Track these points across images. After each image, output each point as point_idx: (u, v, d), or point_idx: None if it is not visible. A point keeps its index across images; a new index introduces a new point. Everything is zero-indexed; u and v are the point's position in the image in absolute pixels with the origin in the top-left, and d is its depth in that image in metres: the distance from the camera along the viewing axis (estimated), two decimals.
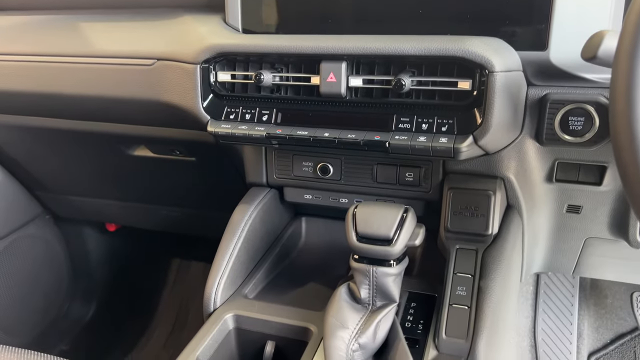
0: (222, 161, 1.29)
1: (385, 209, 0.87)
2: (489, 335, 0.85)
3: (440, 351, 0.86)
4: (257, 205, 1.12)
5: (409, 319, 0.93)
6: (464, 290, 0.90)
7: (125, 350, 1.97)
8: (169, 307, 2.05)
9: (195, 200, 1.55)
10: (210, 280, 1.00)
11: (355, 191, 1.11)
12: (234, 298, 1.01)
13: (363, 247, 0.85)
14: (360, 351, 0.83)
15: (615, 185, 1.01)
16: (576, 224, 1.13)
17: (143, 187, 1.57)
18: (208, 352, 0.90)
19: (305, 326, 0.92)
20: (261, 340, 0.96)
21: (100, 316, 2.03)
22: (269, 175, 1.16)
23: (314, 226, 1.27)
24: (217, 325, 0.93)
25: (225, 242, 1.05)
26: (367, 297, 0.87)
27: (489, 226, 0.97)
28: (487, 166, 1.00)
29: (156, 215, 1.68)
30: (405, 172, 1.05)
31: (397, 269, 0.86)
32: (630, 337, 1.69)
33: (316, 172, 1.11)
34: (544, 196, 1.07)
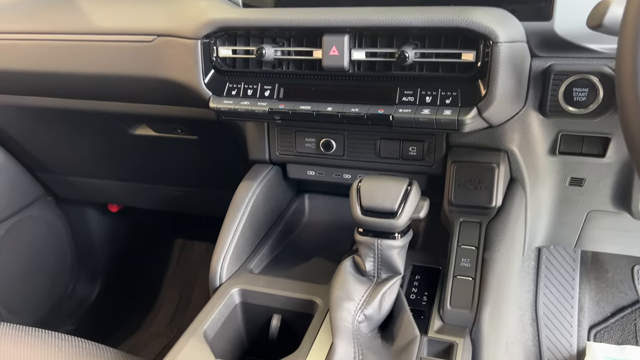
0: (224, 139, 1.29)
1: (389, 182, 0.87)
2: (493, 306, 0.86)
3: (445, 322, 0.86)
4: (261, 181, 1.12)
5: (413, 291, 0.94)
6: (468, 262, 0.91)
7: (130, 329, 1.99)
8: (173, 286, 2.07)
9: (197, 179, 1.55)
10: (216, 255, 1.01)
11: (358, 167, 1.11)
12: (240, 273, 1.02)
13: (368, 220, 0.85)
14: (366, 322, 0.84)
15: (619, 157, 1.01)
16: (579, 197, 1.13)
17: (145, 166, 1.57)
18: (215, 326, 0.91)
19: (311, 299, 0.93)
20: (267, 314, 0.97)
21: (104, 296, 2.05)
22: (272, 151, 1.16)
23: (317, 203, 1.27)
24: (223, 300, 0.94)
25: (230, 218, 1.05)
26: (372, 269, 0.88)
27: (492, 199, 0.98)
28: (491, 139, 1.00)
29: (158, 194, 1.68)
30: (409, 146, 1.05)
31: (401, 242, 0.87)
32: (630, 310, 1.71)
33: (319, 148, 1.11)
34: (547, 169, 1.07)
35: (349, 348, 0.79)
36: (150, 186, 1.65)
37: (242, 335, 1.00)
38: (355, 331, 0.82)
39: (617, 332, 1.68)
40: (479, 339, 0.84)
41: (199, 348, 0.84)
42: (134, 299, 2.07)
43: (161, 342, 1.87)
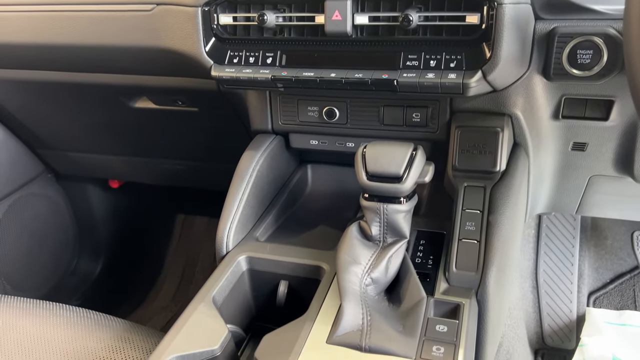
0: (225, 110, 1.29)
1: (394, 148, 0.87)
2: (498, 268, 0.87)
3: (451, 284, 0.88)
4: (264, 151, 1.12)
5: (418, 255, 0.95)
6: (473, 225, 0.92)
7: (134, 304, 2.01)
8: (176, 261, 2.08)
9: (198, 153, 1.55)
10: (222, 224, 1.01)
11: (361, 134, 1.10)
12: (246, 241, 1.02)
13: (373, 186, 0.85)
14: (373, 285, 0.85)
15: (622, 120, 1.01)
16: (581, 162, 1.14)
17: (145, 140, 1.56)
18: (223, 292, 0.92)
19: (317, 265, 0.94)
20: (274, 280, 0.98)
21: (108, 272, 2.06)
22: (274, 121, 1.16)
23: (320, 173, 1.27)
24: (230, 267, 0.95)
25: (235, 187, 1.05)
26: (378, 234, 0.89)
27: (496, 163, 0.98)
28: (495, 103, 1.00)
29: (159, 169, 1.68)
30: (412, 112, 1.04)
31: (407, 206, 0.87)
32: (629, 276, 1.73)
33: (322, 116, 1.10)
34: (550, 134, 1.07)
35: (357, 310, 0.80)
36: (151, 160, 1.65)
37: (250, 302, 1.01)
38: (363, 294, 0.83)
39: (616, 298, 1.70)
40: (485, 300, 0.85)
41: (208, 313, 0.85)
42: (137, 274, 2.09)
43: (166, 316, 1.90)
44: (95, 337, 1.05)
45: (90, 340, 1.04)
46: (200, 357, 0.79)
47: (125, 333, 1.07)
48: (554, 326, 1.66)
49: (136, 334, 1.07)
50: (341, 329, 0.78)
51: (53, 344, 1.03)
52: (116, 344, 1.03)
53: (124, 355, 1.00)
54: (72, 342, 1.04)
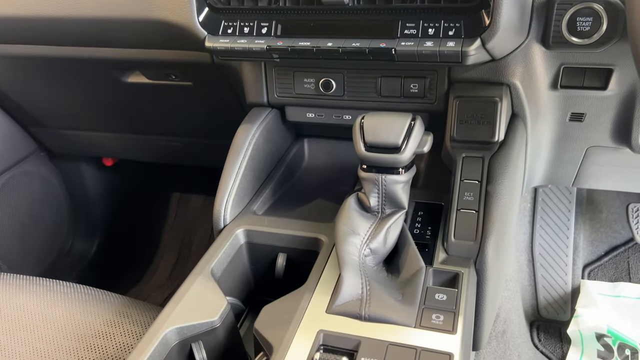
0: (220, 84, 1.27)
1: (392, 118, 0.86)
2: (496, 237, 0.87)
3: (449, 254, 0.87)
4: (260, 124, 1.11)
5: (417, 226, 0.95)
6: (471, 195, 0.91)
7: (131, 282, 2.01)
8: (172, 239, 2.08)
9: (193, 129, 1.53)
10: (219, 197, 1.00)
11: (358, 107, 1.09)
12: (243, 215, 1.02)
13: (372, 156, 0.85)
14: (371, 256, 0.85)
15: (621, 89, 1.00)
16: (578, 133, 1.13)
17: (139, 117, 1.54)
18: (221, 265, 0.92)
19: (316, 236, 0.94)
20: (272, 253, 0.97)
21: (104, 251, 2.06)
22: (270, 94, 1.14)
23: (317, 147, 1.26)
24: (228, 240, 0.94)
25: (231, 160, 1.04)
26: (376, 205, 0.88)
27: (495, 133, 0.97)
28: (493, 73, 0.99)
29: (153, 146, 1.67)
30: (410, 83, 1.03)
31: (405, 176, 0.86)
32: (624, 249, 1.75)
33: (318, 88, 1.09)
34: (548, 104, 1.06)
35: (356, 279, 0.80)
36: (145, 137, 1.63)
37: (249, 275, 1.01)
38: (362, 264, 0.83)
39: (611, 270, 1.72)
40: (484, 269, 0.85)
41: (207, 285, 0.85)
42: (133, 253, 2.08)
43: (163, 293, 1.90)
44: (93, 313, 1.05)
45: (89, 315, 1.04)
46: (199, 328, 0.79)
47: (124, 308, 1.07)
48: (549, 298, 1.67)
49: (134, 308, 1.07)
50: (340, 299, 0.78)
51: (51, 320, 1.03)
52: (114, 318, 1.03)
53: (122, 329, 1.00)
54: (70, 318, 1.04)
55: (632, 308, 1.59)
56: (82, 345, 0.98)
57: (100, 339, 0.99)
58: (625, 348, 1.46)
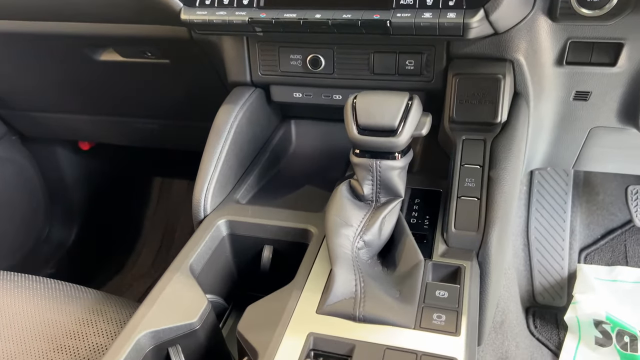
0: (200, 62, 1.18)
1: (388, 97, 0.78)
2: (500, 227, 0.80)
3: (449, 245, 0.81)
4: (243, 105, 1.03)
5: (413, 215, 0.88)
6: (472, 182, 0.84)
7: (112, 271, 1.93)
8: (154, 226, 1.99)
9: (173, 110, 1.44)
10: (199, 185, 0.92)
11: (350, 85, 1.01)
12: (225, 204, 0.94)
13: (365, 140, 0.77)
14: (365, 249, 0.78)
15: (630, 66, 0.94)
16: (582, 113, 1.07)
17: (114, 98, 1.44)
18: (202, 259, 0.84)
19: (305, 227, 0.86)
20: (258, 245, 0.90)
21: (83, 239, 1.97)
22: (253, 72, 1.06)
23: (305, 129, 1.18)
24: (209, 232, 0.87)
25: (211, 144, 0.96)
26: (370, 193, 0.81)
27: (497, 114, 0.90)
28: (496, 47, 0.91)
29: (131, 129, 1.57)
30: (406, 59, 0.95)
31: (402, 162, 0.79)
32: (620, 232, 1.70)
33: (306, 65, 1.00)
34: (552, 82, 0.99)
35: (350, 275, 0.73)
36: (122, 120, 1.54)
37: (232, 269, 0.93)
38: (355, 258, 0.76)
39: (607, 254, 1.67)
40: (487, 262, 0.79)
41: (185, 283, 0.77)
42: (113, 241, 2.00)
43: (145, 282, 1.82)
44: (64, 310, 0.97)
45: (59, 313, 0.96)
46: (177, 331, 0.72)
47: (98, 305, 0.99)
48: (545, 284, 1.62)
49: (109, 305, 0.99)
50: (332, 297, 0.71)
51: (17, 319, 0.95)
52: (87, 316, 0.96)
53: (95, 328, 0.93)
54: (38, 316, 0.96)
55: (629, 293, 1.55)
56: (51, 347, 0.91)
57: (71, 339, 0.92)
58: (624, 335, 1.42)
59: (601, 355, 1.41)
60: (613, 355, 1.41)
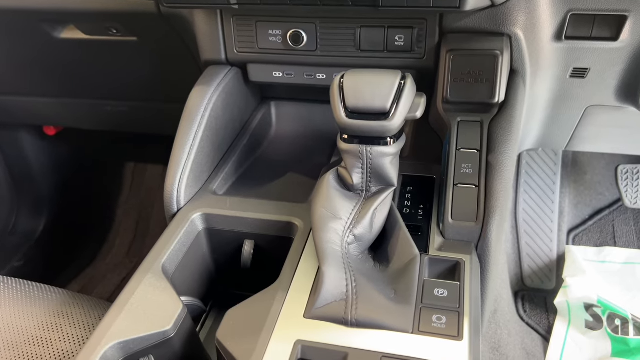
0: (170, 39, 1.08)
1: (378, 76, 0.70)
2: (501, 216, 0.74)
3: (446, 237, 0.75)
4: (218, 86, 0.94)
5: (406, 204, 0.81)
6: (469, 167, 0.78)
7: (85, 261, 1.84)
8: (128, 214, 1.90)
9: (144, 92, 1.34)
10: (171, 175, 0.84)
11: (334, 63, 0.93)
12: (201, 195, 0.86)
13: (354, 124, 0.69)
14: (356, 243, 0.71)
15: (633, 40, 0.88)
16: (579, 91, 1.01)
17: (79, 78, 1.34)
18: (175, 258, 0.76)
19: (288, 220, 0.79)
20: (237, 240, 0.83)
21: (53, 228, 1.87)
22: (229, 49, 0.97)
23: (286, 111, 1.10)
24: (183, 227, 0.79)
25: (184, 130, 0.87)
26: (360, 182, 0.74)
27: (495, 93, 0.83)
28: (492, 21, 0.84)
29: (99, 112, 1.47)
30: (395, 34, 0.87)
31: (395, 147, 0.72)
32: (609, 212, 1.67)
33: (286, 41, 0.92)
34: (549, 58, 0.93)
35: (340, 274, 0.66)
36: (89, 102, 1.43)
37: (210, 266, 0.86)
38: (345, 254, 0.69)
39: (596, 234, 1.65)
40: (487, 254, 0.73)
41: (157, 286, 0.70)
42: (85, 230, 1.90)
43: (120, 273, 1.74)
44: (27, 314, 0.89)
45: (21, 317, 0.88)
46: (149, 340, 0.64)
47: (64, 306, 0.91)
48: (533, 267, 1.59)
49: (76, 306, 0.91)
50: (322, 300, 0.64)
51: None
52: (52, 320, 0.87)
53: (61, 333, 0.85)
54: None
55: (618, 274, 1.52)
56: (13, 355, 0.83)
57: (35, 346, 0.84)
58: (616, 318, 1.39)
59: (592, 339, 1.39)
60: (604, 338, 1.38)
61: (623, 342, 1.36)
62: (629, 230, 1.65)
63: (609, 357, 1.35)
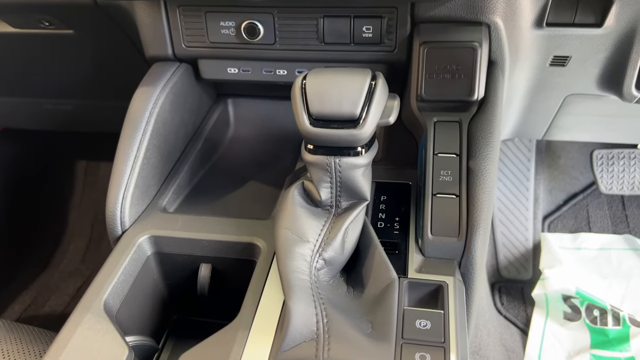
0: (111, 31, 0.96)
1: (346, 76, 0.61)
2: (485, 229, 0.67)
3: (426, 255, 0.67)
4: (165, 86, 0.83)
5: (381, 217, 0.73)
6: (448, 174, 0.70)
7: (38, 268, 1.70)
8: (82, 217, 1.77)
9: (86, 88, 1.22)
10: (112, 193, 0.74)
11: (295, 58, 0.84)
12: (149, 213, 0.76)
13: (320, 133, 0.60)
14: (326, 268, 0.63)
15: (618, 26, 0.81)
16: (558, 80, 0.95)
17: (13, 75, 1.20)
18: (121, 290, 0.67)
19: (249, 241, 0.70)
20: (193, 263, 0.73)
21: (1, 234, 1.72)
22: (176, 44, 0.86)
23: (245, 109, 1.00)
24: (128, 254, 0.69)
25: (126, 140, 0.77)
26: (329, 198, 0.65)
27: (474, 89, 0.75)
28: (470, 9, 0.75)
29: (41, 111, 1.33)
30: (362, 25, 0.78)
31: (366, 158, 0.63)
32: (582, 196, 1.64)
33: (240, 34, 0.82)
34: (529, 47, 0.85)
35: (309, 310, 0.58)
36: (28, 100, 1.30)
37: (162, 293, 0.76)
38: (314, 283, 0.61)
39: (571, 220, 1.61)
40: (471, 272, 0.66)
41: (98, 329, 0.60)
42: (37, 234, 1.76)
43: (75, 282, 1.61)
44: None
45: None
46: None
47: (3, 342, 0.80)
48: (509, 257, 1.55)
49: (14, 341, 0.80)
50: (289, 341, 0.56)
51: None
52: None
53: None
54: None
55: (594, 261, 1.50)
56: None
57: None
58: (594, 309, 1.36)
59: (570, 330, 1.36)
60: (582, 329, 1.35)
61: (602, 333, 1.33)
62: (603, 215, 1.62)
63: (588, 348, 1.33)
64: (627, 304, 1.37)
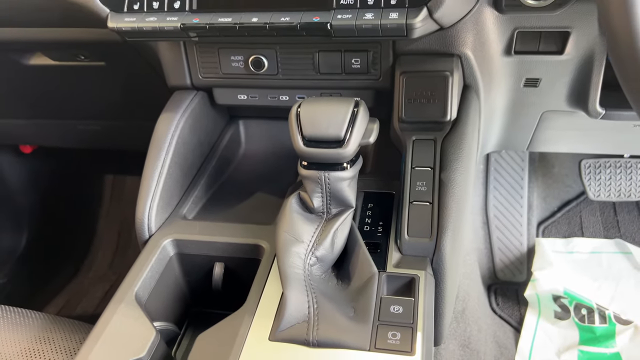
0: (138, 63, 1.11)
1: (332, 105, 0.74)
2: (453, 231, 0.78)
3: (403, 253, 0.79)
4: (184, 111, 0.97)
5: (367, 221, 0.86)
6: (424, 185, 0.82)
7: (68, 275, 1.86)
8: (109, 226, 1.92)
9: (115, 111, 1.37)
10: (141, 203, 0.88)
11: (296, 86, 0.97)
12: (171, 221, 0.90)
13: (312, 152, 0.73)
14: (318, 264, 0.75)
15: (577, 53, 0.92)
16: (533, 99, 1.06)
17: (51, 100, 1.36)
18: (149, 284, 0.80)
19: (256, 243, 0.83)
20: (208, 263, 0.86)
21: (35, 244, 1.89)
22: (193, 75, 1.00)
23: (254, 129, 1.14)
24: (155, 254, 0.83)
25: (152, 158, 0.91)
26: (320, 205, 0.78)
27: (447, 112, 0.88)
28: (442, 43, 0.88)
29: (73, 131, 1.49)
30: (352, 58, 0.91)
31: (351, 172, 0.76)
32: (575, 203, 1.73)
33: (248, 67, 0.95)
34: (501, 71, 0.97)
35: (302, 297, 0.70)
36: (62, 122, 1.45)
37: (183, 289, 0.90)
38: (307, 276, 0.73)
39: (564, 226, 1.71)
40: (442, 268, 0.77)
41: (130, 315, 0.74)
42: (67, 244, 1.92)
43: (104, 287, 1.77)
44: (8, 340, 0.92)
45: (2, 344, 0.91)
46: None
47: (45, 332, 0.94)
48: (505, 260, 1.65)
49: (58, 331, 0.94)
50: (285, 323, 0.68)
51: None
52: (34, 346, 0.91)
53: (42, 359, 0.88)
54: None
55: (585, 264, 1.59)
56: None
57: None
58: (582, 308, 1.46)
59: (561, 328, 1.45)
60: (572, 327, 1.45)
61: (590, 331, 1.42)
62: (595, 221, 1.71)
63: (577, 345, 1.42)
64: (615, 304, 1.46)
